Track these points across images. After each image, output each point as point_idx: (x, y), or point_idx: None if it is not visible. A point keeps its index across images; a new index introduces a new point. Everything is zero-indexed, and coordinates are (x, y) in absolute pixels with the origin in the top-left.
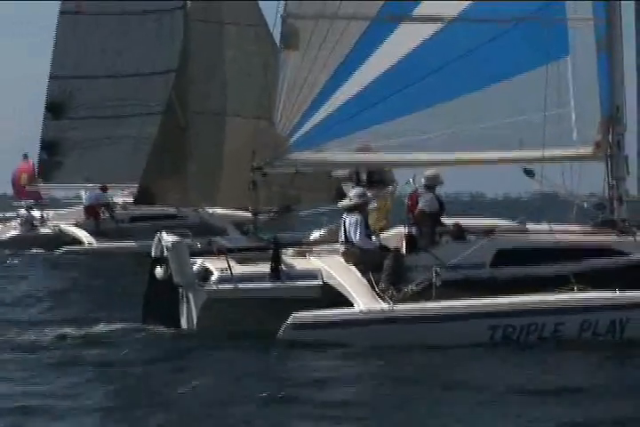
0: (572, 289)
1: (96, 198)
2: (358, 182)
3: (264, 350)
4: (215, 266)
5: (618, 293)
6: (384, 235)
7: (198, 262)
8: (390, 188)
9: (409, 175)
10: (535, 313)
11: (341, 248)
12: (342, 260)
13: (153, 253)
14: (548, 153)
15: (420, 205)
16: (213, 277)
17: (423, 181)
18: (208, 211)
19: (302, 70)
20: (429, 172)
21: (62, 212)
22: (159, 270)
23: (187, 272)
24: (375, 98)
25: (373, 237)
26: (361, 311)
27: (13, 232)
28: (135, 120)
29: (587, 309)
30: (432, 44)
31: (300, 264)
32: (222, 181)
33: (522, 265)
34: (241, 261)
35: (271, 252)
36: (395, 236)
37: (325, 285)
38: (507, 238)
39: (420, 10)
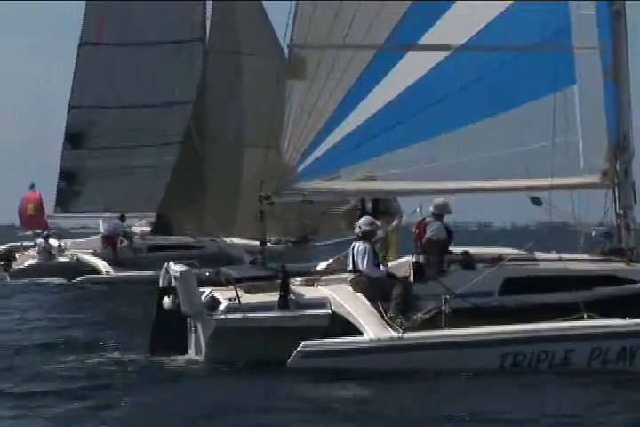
0: (582, 317)
1: (115, 228)
2: (363, 212)
3: (273, 378)
4: (223, 295)
5: (628, 320)
6: (392, 263)
7: (206, 292)
8: (396, 220)
9: (415, 205)
10: (545, 341)
11: (349, 277)
12: (350, 288)
13: (160, 283)
14: (556, 182)
15: (428, 233)
16: (222, 307)
17: (431, 209)
18: (225, 240)
19: (309, 99)
20: (438, 200)
21: (80, 241)
22: (167, 300)
23: (195, 302)
24: (381, 127)
25: (381, 266)
26: (371, 340)
27: (31, 261)
28: (152, 150)
29: (597, 336)
30: (438, 73)
31: (308, 293)
32: (239, 211)
33: (530, 293)
34: (249, 291)
35: (279, 281)
36: (402, 264)
37: (334, 313)
38: (515, 266)
39: (428, 38)
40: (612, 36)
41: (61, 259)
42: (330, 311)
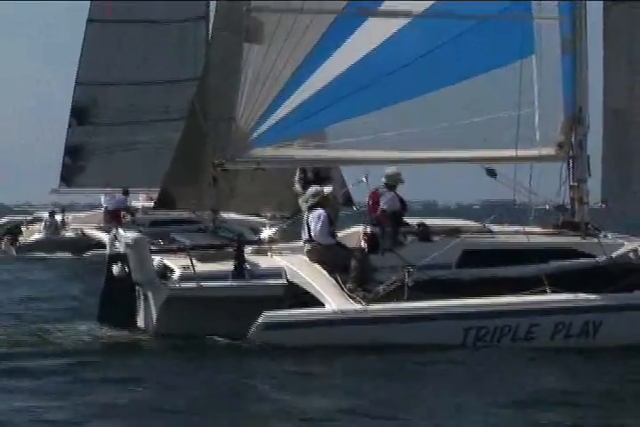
0: (545, 291)
1: (120, 203)
2: (306, 181)
3: (227, 351)
4: (176, 264)
5: (592, 294)
6: (341, 234)
7: (157, 260)
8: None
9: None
10: (510, 315)
11: (305, 246)
12: (306, 258)
13: (109, 251)
14: (511, 153)
15: (382, 204)
16: (175, 275)
17: (384, 179)
18: (223, 216)
19: (266, 65)
20: (390, 170)
21: (81, 215)
22: (116, 268)
23: (147, 269)
24: (338, 95)
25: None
26: (334, 311)
27: (38, 235)
28: (156, 126)
29: (561, 310)
30: (397, 41)
31: (263, 262)
32: (237, 187)
33: (488, 266)
34: (202, 259)
35: (233, 250)
36: (352, 235)
37: (290, 283)
38: (473, 239)
39: (389, 4)
40: (572, 8)
41: (67, 233)
42: (285, 281)
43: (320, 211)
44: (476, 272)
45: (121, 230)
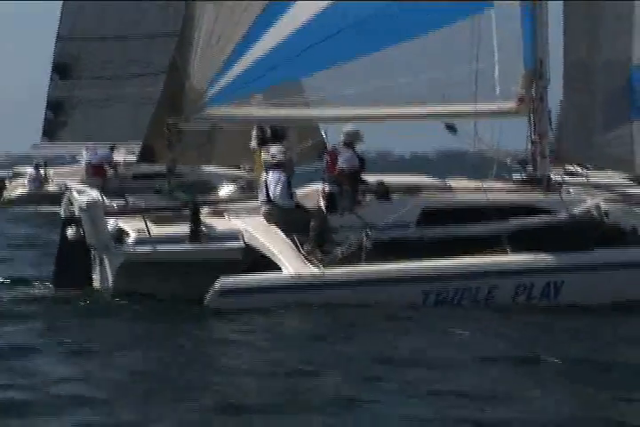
0: (505, 251)
1: (103, 157)
2: (264, 140)
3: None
4: (131, 227)
5: (552, 255)
6: (300, 193)
7: (112, 223)
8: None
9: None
10: (469, 277)
11: (263, 208)
12: (264, 220)
13: (63, 214)
14: (470, 108)
15: (340, 162)
16: (130, 239)
17: (342, 137)
18: (203, 168)
19: (218, 23)
20: (348, 128)
21: (62, 170)
22: (71, 231)
23: (102, 233)
24: (293, 52)
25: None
26: (291, 276)
27: (22, 190)
28: (137, 81)
29: (521, 271)
30: None
31: (219, 225)
32: (217, 140)
33: (448, 224)
34: (157, 222)
35: (189, 212)
36: (311, 193)
37: (247, 246)
38: (432, 197)
39: None
40: None
41: (50, 188)
42: (243, 244)
43: (279, 172)
44: (436, 232)
45: (75, 193)
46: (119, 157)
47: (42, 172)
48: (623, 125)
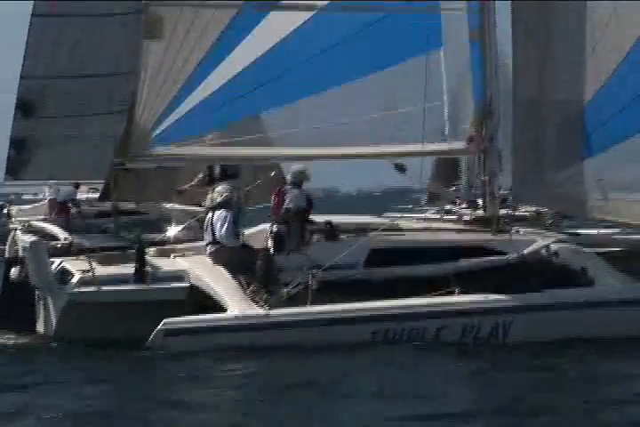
0: (453, 292)
1: (69, 195)
2: (212, 179)
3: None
4: (76, 267)
5: (500, 295)
6: (247, 233)
7: (57, 263)
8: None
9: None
10: (417, 317)
11: (208, 248)
12: (210, 260)
13: (7, 253)
14: (421, 148)
15: (287, 202)
16: (74, 279)
17: (289, 177)
18: (166, 206)
19: (166, 61)
20: (296, 167)
21: (25, 207)
22: (14, 271)
23: (45, 273)
24: (241, 91)
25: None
26: (236, 317)
27: None
28: (98, 119)
29: (469, 312)
30: (302, 35)
31: (165, 265)
32: (178, 178)
33: (397, 265)
34: (103, 262)
35: (134, 252)
36: (258, 234)
37: (193, 287)
38: (381, 237)
39: None
40: None
41: (12, 226)
42: (188, 284)
43: (225, 211)
44: (384, 272)
45: (19, 233)
46: (83, 195)
47: (5, 211)
48: (575, 164)
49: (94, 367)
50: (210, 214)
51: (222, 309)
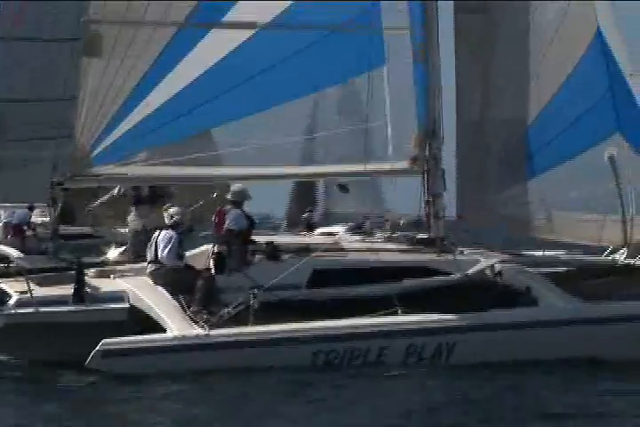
0: (396, 312)
1: (24, 217)
2: (139, 199)
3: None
4: (13, 288)
5: (444, 315)
6: (189, 253)
7: None
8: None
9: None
10: (358, 338)
11: (149, 267)
12: (150, 280)
13: None
14: (363, 168)
15: (227, 222)
16: (12, 301)
17: (229, 196)
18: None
19: (106, 79)
20: (235, 187)
21: None
22: None
23: None
24: (182, 109)
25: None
26: (175, 337)
27: None
28: (52, 143)
29: (412, 332)
30: (243, 53)
31: (104, 286)
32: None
33: (340, 285)
34: (41, 283)
35: (73, 273)
36: (200, 255)
37: (133, 307)
38: (323, 258)
39: (232, 15)
40: (423, 17)
41: None
42: (128, 305)
43: (171, 232)
44: (327, 292)
45: None
46: (38, 218)
47: None
48: (519, 185)
49: (29, 389)
50: (156, 233)
51: (163, 329)
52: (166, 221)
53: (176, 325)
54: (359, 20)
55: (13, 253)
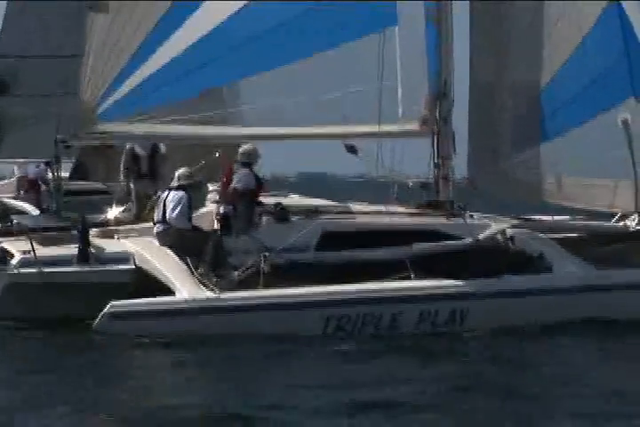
0: (409, 277)
1: (40, 173)
2: (139, 174)
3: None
4: (16, 248)
5: (459, 281)
6: (194, 214)
7: None
8: None
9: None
10: (372, 302)
11: (156, 228)
12: (157, 242)
13: None
14: (372, 129)
15: (235, 182)
16: (15, 260)
17: (238, 157)
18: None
19: (111, 35)
20: (245, 147)
21: None
22: None
23: None
24: (189, 66)
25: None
26: (186, 300)
27: None
28: (70, 99)
29: (426, 298)
30: (251, 10)
31: (109, 246)
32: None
33: (350, 249)
34: (44, 243)
35: (77, 232)
36: (205, 215)
37: (139, 269)
38: (332, 220)
39: None
40: None
41: None
42: (134, 266)
43: (182, 192)
44: (337, 256)
45: None
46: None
47: None
48: (531, 149)
49: (34, 349)
50: (165, 193)
51: (169, 292)
52: (180, 182)
53: (186, 287)
54: None
55: (28, 207)
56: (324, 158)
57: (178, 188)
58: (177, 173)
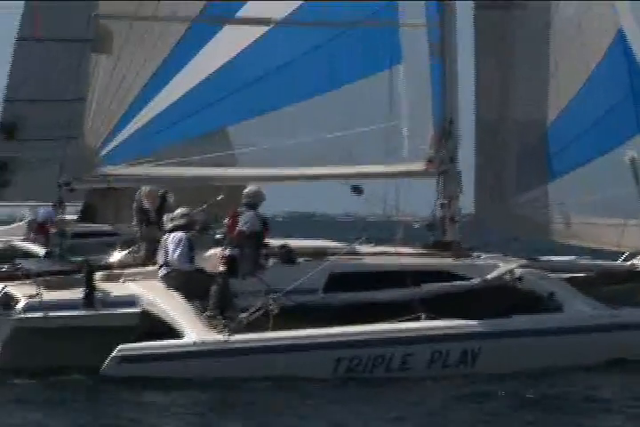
0: (419, 317)
1: (49, 215)
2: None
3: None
4: (21, 292)
5: (470, 321)
6: (199, 257)
7: (1, 288)
8: None
9: None
10: (382, 344)
11: (161, 271)
12: (162, 284)
13: None
14: (378, 169)
15: (240, 224)
16: (20, 305)
17: (243, 199)
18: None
19: (116, 76)
20: (250, 188)
21: (2, 228)
22: None
23: None
24: (194, 107)
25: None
26: (195, 343)
27: None
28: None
29: (437, 338)
30: (256, 50)
31: (115, 290)
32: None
33: (358, 290)
34: (49, 287)
35: (83, 276)
36: (210, 258)
37: (145, 312)
38: (340, 261)
39: (246, 11)
40: (440, 13)
41: None
42: (140, 310)
43: (181, 234)
44: (345, 297)
45: None
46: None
47: None
48: (538, 188)
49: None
50: (166, 236)
51: (175, 335)
52: (178, 222)
53: (195, 330)
54: (375, 16)
55: (37, 249)
56: (313, 197)
57: (175, 229)
58: (176, 213)
